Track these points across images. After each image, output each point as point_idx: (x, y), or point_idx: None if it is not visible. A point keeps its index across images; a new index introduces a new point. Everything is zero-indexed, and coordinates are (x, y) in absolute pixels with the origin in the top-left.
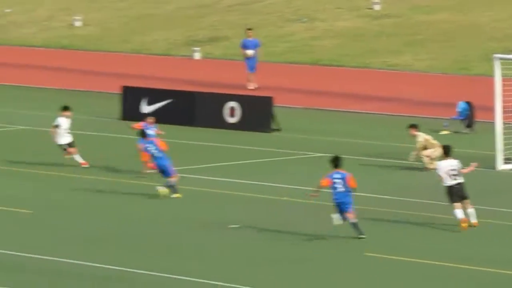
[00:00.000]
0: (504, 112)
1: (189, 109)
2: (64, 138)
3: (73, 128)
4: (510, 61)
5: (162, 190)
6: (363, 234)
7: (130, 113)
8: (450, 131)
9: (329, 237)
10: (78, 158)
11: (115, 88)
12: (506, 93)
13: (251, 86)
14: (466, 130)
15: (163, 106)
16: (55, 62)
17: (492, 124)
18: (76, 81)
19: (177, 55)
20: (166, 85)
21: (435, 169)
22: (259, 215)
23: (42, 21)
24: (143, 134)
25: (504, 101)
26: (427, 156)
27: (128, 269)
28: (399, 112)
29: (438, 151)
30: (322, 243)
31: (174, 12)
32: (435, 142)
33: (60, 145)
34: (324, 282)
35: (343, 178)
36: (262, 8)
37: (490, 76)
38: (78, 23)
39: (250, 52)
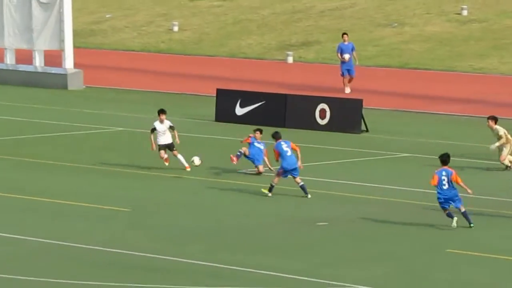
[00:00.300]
0: None
1: (281, 110)
2: (162, 138)
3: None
4: None
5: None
6: (472, 223)
7: (224, 115)
8: None
9: (410, 233)
10: (182, 160)
11: (211, 90)
12: None
13: (347, 89)
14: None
15: (256, 108)
16: (153, 65)
17: None
18: (173, 84)
19: (271, 58)
20: (260, 87)
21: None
22: (346, 213)
23: (141, 26)
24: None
25: None
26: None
27: (224, 266)
28: (484, 114)
29: (507, 146)
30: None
31: (269, 18)
32: (510, 137)
33: (159, 146)
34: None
35: (448, 175)
36: (353, 13)
37: None
38: (175, 28)
39: (347, 56)
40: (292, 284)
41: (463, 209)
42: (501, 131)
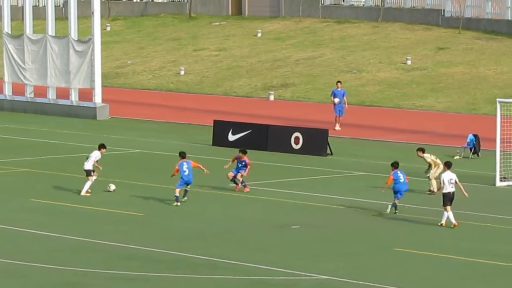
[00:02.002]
0: (503, 142)
1: (264, 138)
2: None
3: (176, 151)
4: (508, 103)
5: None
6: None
7: (219, 140)
8: (461, 157)
9: (365, 235)
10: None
11: (209, 121)
12: (505, 128)
13: (337, 127)
14: (473, 156)
15: (244, 135)
16: (164, 101)
17: (493, 152)
18: (179, 116)
19: (257, 97)
20: (248, 119)
21: (434, 192)
22: (314, 219)
23: (155, 70)
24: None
25: (502, 134)
26: (434, 178)
27: (216, 259)
28: (424, 142)
29: (441, 169)
30: (365, 239)
31: (255, 64)
32: (438, 161)
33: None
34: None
35: (403, 174)
36: (322, 62)
37: (493, 115)
38: (182, 72)
39: (337, 100)
40: (269, 273)
41: (397, 201)
42: (428, 158)
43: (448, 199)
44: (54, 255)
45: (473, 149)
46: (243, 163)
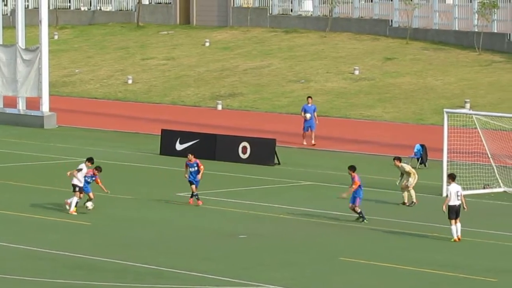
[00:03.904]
0: (450, 152)
1: (212, 147)
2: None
3: (123, 160)
4: (456, 114)
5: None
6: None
7: (167, 150)
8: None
9: (312, 244)
10: (72, 204)
11: (157, 130)
12: (452, 139)
13: (305, 142)
14: (420, 166)
15: (192, 145)
16: (112, 110)
17: (440, 162)
18: (127, 125)
19: (205, 106)
20: (195, 129)
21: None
22: (262, 228)
23: (102, 79)
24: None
25: (449, 144)
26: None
27: (163, 268)
28: (371, 152)
29: (416, 178)
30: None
31: (203, 74)
32: (414, 170)
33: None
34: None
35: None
36: (270, 71)
37: (440, 125)
38: (130, 81)
39: (308, 115)
40: (216, 282)
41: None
42: (407, 167)
43: (453, 212)
44: (1, 264)
45: (420, 159)
46: (195, 165)
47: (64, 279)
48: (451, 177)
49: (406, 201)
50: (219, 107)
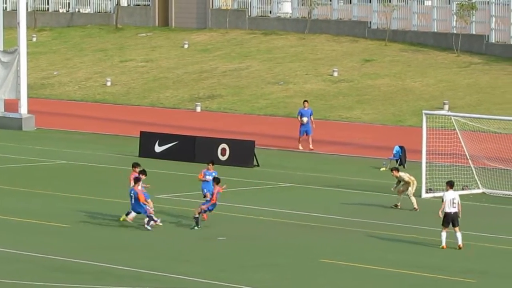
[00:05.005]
0: (428, 154)
1: (191, 149)
2: None
3: (102, 162)
4: (434, 116)
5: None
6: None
7: (146, 152)
8: (387, 168)
9: (291, 246)
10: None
11: (136, 132)
12: (431, 140)
13: (301, 146)
14: (399, 168)
15: (171, 147)
16: (90, 112)
17: (419, 163)
18: (106, 127)
19: (184, 108)
20: (174, 131)
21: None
22: (241, 230)
23: (81, 81)
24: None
25: (428, 146)
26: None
27: (136, 269)
28: (350, 154)
29: (416, 185)
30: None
31: (182, 76)
32: (413, 178)
33: None
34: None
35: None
36: (248, 73)
37: (419, 127)
38: (108, 83)
39: (305, 119)
40: (195, 285)
41: None
42: (406, 177)
43: (448, 219)
44: None
45: (399, 160)
46: (213, 174)
47: (43, 282)
48: (449, 184)
49: (398, 204)
50: (198, 109)
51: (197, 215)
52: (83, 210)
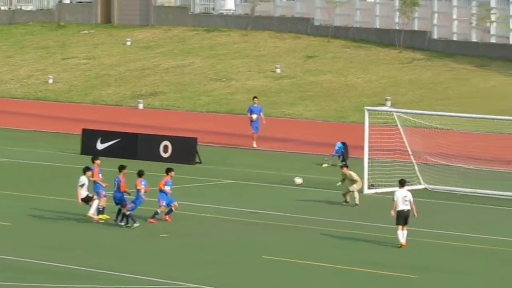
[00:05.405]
0: (371, 150)
1: (133, 146)
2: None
3: (44, 160)
4: (376, 112)
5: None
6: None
7: (88, 149)
8: (330, 165)
9: (235, 243)
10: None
11: (78, 130)
12: (373, 136)
13: (255, 144)
14: (341, 164)
15: (113, 144)
16: (32, 110)
17: (361, 159)
18: (48, 125)
19: (126, 105)
20: (117, 128)
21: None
22: (184, 227)
23: (23, 78)
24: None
25: (370, 142)
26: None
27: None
28: (292, 150)
29: (360, 185)
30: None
31: (124, 73)
32: (359, 179)
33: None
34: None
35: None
36: (191, 70)
37: (361, 123)
38: (50, 81)
39: (255, 116)
40: (142, 283)
41: None
42: (355, 176)
43: (401, 217)
44: None
45: (341, 157)
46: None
47: None
48: (400, 183)
49: (348, 199)
50: (140, 106)
51: (127, 213)
52: (25, 208)
